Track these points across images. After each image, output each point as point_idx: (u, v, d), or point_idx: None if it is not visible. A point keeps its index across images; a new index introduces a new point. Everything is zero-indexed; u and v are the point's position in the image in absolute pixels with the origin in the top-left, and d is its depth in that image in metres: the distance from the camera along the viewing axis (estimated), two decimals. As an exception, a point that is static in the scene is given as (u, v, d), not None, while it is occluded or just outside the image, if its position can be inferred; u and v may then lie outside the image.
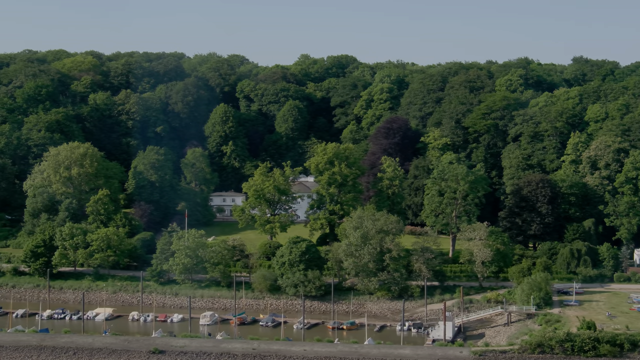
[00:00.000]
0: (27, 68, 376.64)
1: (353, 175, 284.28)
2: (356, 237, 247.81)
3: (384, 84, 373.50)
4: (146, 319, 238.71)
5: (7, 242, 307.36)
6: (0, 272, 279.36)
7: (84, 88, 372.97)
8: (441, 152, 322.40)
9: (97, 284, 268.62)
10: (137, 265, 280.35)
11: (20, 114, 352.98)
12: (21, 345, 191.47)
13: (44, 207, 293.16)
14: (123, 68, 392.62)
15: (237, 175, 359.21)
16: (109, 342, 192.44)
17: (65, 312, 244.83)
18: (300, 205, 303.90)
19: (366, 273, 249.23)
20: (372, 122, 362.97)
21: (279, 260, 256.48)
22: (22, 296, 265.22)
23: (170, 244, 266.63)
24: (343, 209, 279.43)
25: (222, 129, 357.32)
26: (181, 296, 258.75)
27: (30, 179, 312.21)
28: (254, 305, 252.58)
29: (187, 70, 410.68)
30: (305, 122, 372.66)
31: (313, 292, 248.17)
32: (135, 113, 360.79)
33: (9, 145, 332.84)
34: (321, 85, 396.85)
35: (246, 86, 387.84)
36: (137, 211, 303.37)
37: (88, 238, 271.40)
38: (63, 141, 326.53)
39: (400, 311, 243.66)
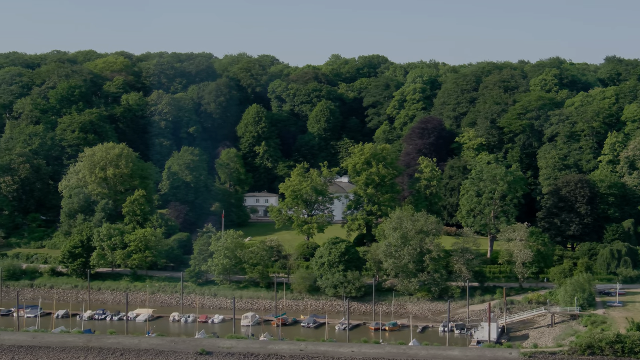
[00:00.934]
0: (59, 69, 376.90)
1: (390, 175, 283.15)
2: (396, 237, 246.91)
3: (416, 84, 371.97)
4: (187, 319, 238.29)
5: (43, 243, 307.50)
6: (38, 272, 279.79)
7: (116, 88, 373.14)
8: (476, 152, 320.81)
9: (135, 285, 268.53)
10: (174, 266, 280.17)
11: (53, 114, 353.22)
12: (68, 346, 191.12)
13: (80, 208, 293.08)
14: (155, 68, 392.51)
15: (269, 175, 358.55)
16: (155, 343, 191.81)
17: (105, 312, 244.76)
18: (336, 206, 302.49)
19: (406, 274, 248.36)
20: (405, 122, 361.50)
21: (318, 261, 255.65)
22: (61, 297, 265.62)
23: (208, 245, 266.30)
24: (381, 210, 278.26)
25: (254, 129, 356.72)
26: (220, 297, 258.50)
27: (66, 180, 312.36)
28: (293, 306, 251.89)
29: (218, 70, 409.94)
30: (337, 122, 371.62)
31: (353, 292, 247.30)
32: (168, 113, 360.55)
33: (43, 146, 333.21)
34: (353, 86, 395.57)
35: (278, 86, 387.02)
36: (172, 212, 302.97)
37: (126, 239, 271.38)
38: (97, 142, 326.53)
39: (440, 312, 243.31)
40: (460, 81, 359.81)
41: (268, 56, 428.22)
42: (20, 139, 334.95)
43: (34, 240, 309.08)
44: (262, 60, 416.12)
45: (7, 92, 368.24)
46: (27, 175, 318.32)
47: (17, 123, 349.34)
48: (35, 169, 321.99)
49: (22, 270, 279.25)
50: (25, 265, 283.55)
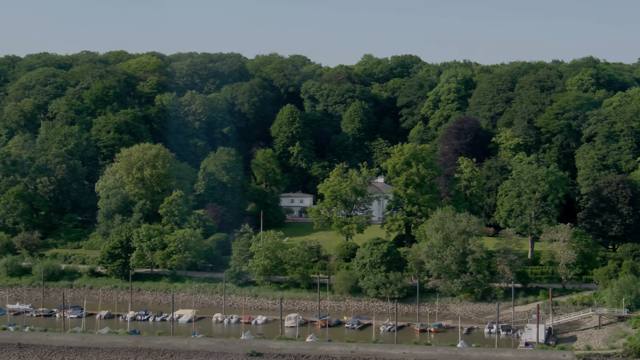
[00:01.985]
0: (93, 69, 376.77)
1: (430, 176, 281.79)
2: (438, 238, 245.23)
3: (450, 84, 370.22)
4: (230, 320, 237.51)
5: (80, 243, 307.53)
6: (77, 273, 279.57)
7: (149, 89, 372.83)
8: (513, 152, 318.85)
9: (175, 286, 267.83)
10: (213, 266, 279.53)
11: (88, 115, 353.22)
12: (117, 347, 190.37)
13: (118, 208, 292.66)
14: (188, 69, 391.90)
15: (303, 176, 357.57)
16: (204, 345, 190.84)
17: (148, 313, 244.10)
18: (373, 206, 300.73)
19: (449, 275, 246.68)
20: (439, 123, 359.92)
21: (360, 261, 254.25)
22: (101, 297, 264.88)
23: (248, 245, 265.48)
24: (421, 210, 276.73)
25: (288, 129, 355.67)
26: (261, 298, 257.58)
27: (102, 180, 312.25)
28: (335, 307, 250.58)
29: (250, 70, 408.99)
30: (371, 122, 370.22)
31: (395, 293, 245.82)
32: (202, 114, 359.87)
33: (78, 146, 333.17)
34: (386, 86, 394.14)
35: (311, 87, 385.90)
36: (209, 212, 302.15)
37: (165, 239, 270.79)
38: (132, 142, 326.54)
39: (484, 313, 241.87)
40: (496, 81, 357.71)
41: (299, 56, 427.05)
42: (55, 139, 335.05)
43: (71, 241, 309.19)
44: (294, 60, 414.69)
45: (41, 92, 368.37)
46: (64, 175, 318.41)
47: (52, 124, 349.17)
48: (72, 170, 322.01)
49: (61, 271, 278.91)
50: (64, 265, 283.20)
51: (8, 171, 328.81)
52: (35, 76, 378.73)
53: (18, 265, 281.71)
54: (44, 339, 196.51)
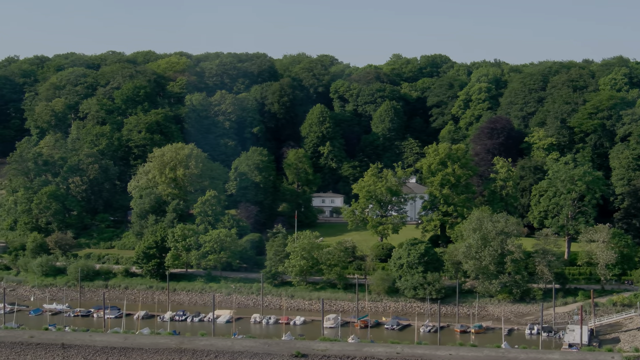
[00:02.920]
0: (123, 69, 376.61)
1: (466, 176, 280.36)
2: (476, 239, 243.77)
3: (481, 84, 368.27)
4: (268, 321, 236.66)
5: (112, 243, 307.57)
6: (112, 273, 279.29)
7: (179, 89, 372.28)
8: (546, 152, 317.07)
9: (211, 286, 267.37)
10: (247, 266, 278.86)
11: (119, 115, 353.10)
12: (160, 347, 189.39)
13: (151, 208, 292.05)
14: (217, 69, 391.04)
15: (334, 176, 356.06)
16: (248, 345, 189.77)
17: (185, 314, 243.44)
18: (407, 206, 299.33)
19: (487, 275, 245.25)
20: (470, 122, 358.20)
21: (397, 262, 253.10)
22: (136, 297, 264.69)
23: (284, 246, 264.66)
24: (456, 210, 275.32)
25: (319, 129, 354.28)
26: (297, 298, 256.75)
27: (135, 180, 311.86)
28: (372, 308, 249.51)
29: (279, 70, 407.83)
30: (401, 122, 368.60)
31: (433, 294, 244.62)
32: (232, 114, 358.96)
33: (109, 146, 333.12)
34: (416, 85, 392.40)
35: (340, 86, 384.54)
36: (242, 212, 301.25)
37: (200, 239, 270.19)
38: (163, 142, 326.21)
39: (523, 314, 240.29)
40: (527, 80, 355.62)
41: (327, 56, 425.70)
42: (87, 139, 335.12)
43: (103, 241, 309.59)
44: (323, 60, 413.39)
45: (72, 92, 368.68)
46: (96, 175, 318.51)
47: (83, 124, 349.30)
48: (104, 170, 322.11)
49: (96, 271, 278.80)
50: (98, 266, 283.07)
51: (40, 171, 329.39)
52: (65, 76, 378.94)
53: (52, 265, 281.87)
54: (87, 339, 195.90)
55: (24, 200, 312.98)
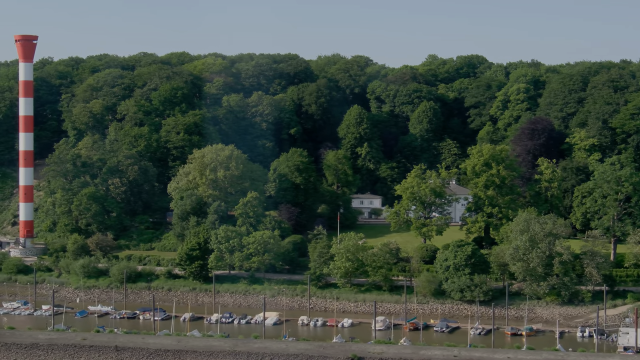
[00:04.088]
0: (160, 71, 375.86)
1: (510, 177, 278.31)
2: (523, 240, 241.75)
3: (519, 84, 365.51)
4: (316, 323, 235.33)
5: (152, 245, 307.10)
6: (154, 275, 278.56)
7: (216, 90, 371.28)
8: (588, 153, 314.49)
9: (254, 288, 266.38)
10: (289, 268, 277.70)
11: (157, 116, 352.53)
12: (214, 350, 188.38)
13: (192, 210, 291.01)
14: (254, 70, 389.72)
15: (371, 177, 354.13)
16: (303, 348, 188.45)
17: (232, 316, 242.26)
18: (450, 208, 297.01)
19: (534, 277, 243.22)
20: (509, 123, 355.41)
21: (443, 264, 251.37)
22: (180, 299, 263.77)
23: (329, 247, 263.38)
24: (501, 212, 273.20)
25: (356, 130, 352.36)
26: (343, 300, 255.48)
27: (175, 182, 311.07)
28: (418, 310, 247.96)
29: (314, 71, 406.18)
30: (439, 123, 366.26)
31: (480, 296, 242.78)
32: (269, 115, 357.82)
33: (148, 147, 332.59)
34: (453, 86, 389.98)
35: (377, 87, 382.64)
36: (283, 214, 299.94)
37: (244, 241, 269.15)
38: (201, 143, 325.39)
39: (572, 316, 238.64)
40: (567, 81, 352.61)
41: (362, 57, 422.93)
42: (125, 140, 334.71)
43: (143, 243, 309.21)
44: (358, 61, 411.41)
45: (109, 94, 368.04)
46: (135, 177, 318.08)
47: (121, 125, 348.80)
48: (143, 171, 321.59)
49: (138, 273, 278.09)
50: (140, 267, 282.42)
51: (78, 172, 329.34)
52: (102, 77, 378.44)
53: (95, 267, 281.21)
54: (139, 342, 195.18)
55: (63, 202, 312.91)
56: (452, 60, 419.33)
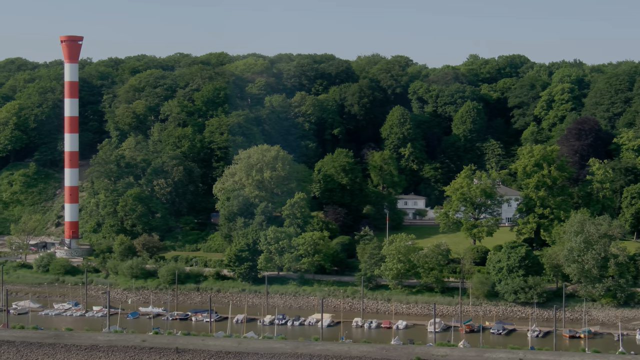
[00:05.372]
0: (202, 71, 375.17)
1: (562, 178, 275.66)
2: (578, 242, 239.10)
3: (564, 84, 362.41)
4: (370, 325, 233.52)
5: (198, 246, 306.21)
6: (203, 276, 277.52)
7: (257, 90, 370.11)
8: (636, 153, 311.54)
9: (304, 289, 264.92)
10: (338, 269, 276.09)
11: (199, 117, 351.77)
12: (276, 352, 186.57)
13: (239, 211, 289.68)
14: (295, 70, 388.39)
15: (414, 177, 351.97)
16: (365, 350, 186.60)
17: (285, 317, 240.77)
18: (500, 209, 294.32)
19: (589, 279, 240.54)
20: (553, 123, 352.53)
21: (496, 265, 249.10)
22: (230, 301, 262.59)
23: (379, 249, 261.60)
24: (553, 213, 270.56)
25: (399, 131, 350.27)
26: (394, 302, 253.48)
27: (220, 182, 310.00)
28: (471, 312, 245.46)
29: (355, 71, 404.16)
30: (482, 123, 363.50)
31: (535, 298, 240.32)
32: (312, 115, 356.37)
33: (191, 148, 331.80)
34: (496, 86, 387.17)
35: (419, 87, 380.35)
36: (329, 214, 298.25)
37: (293, 242, 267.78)
38: (245, 144, 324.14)
39: (629, 319, 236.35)
40: (613, 81, 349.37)
41: (402, 57, 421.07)
42: (169, 141, 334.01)
43: (189, 244, 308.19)
44: (399, 61, 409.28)
45: (152, 94, 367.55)
46: (180, 177, 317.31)
47: (164, 126, 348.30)
48: (189, 172, 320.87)
49: (186, 274, 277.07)
50: (189, 268, 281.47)
51: (122, 173, 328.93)
52: (144, 78, 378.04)
53: (142, 268, 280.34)
54: (199, 343, 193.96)
55: (108, 203, 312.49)
56: (494, 60, 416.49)
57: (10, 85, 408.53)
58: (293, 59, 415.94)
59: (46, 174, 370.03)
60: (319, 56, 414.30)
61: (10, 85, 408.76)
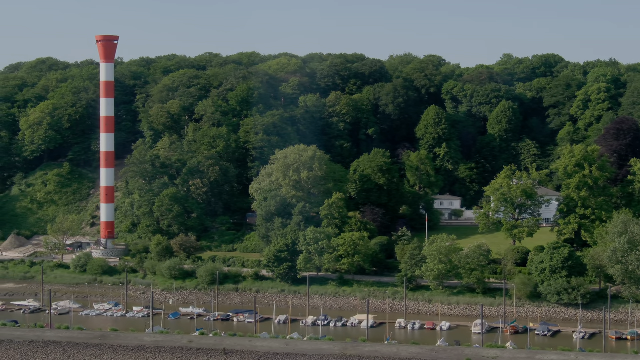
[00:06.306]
0: (236, 71, 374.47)
1: (603, 178, 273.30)
2: (622, 243, 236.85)
3: (600, 84, 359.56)
4: (414, 326, 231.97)
5: (234, 246, 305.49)
6: (241, 276, 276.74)
7: (291, 90, 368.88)
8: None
9: (344, 290, 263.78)
10: (377, 270, 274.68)
11: (234, 116, 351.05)
12: (324, 354, 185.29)
13: (277, 211, 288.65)
14: (329, 70, 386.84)
15: (449, 178, 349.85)
16: (415, 352, 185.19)
17: (327, 318, 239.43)
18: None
19: (634, 280, 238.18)
20: (590, 123, 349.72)
21: (539, 266, 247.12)
22: (269, 301, 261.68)
23: (420, 249, 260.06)
24: (594, 213, 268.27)
25: (434, 130, 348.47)
26: (435, 303, 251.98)
27: (256, 182, 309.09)
28: (514, 313, 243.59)
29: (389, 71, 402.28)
30: (518, 123, 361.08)
31: (578, 299, 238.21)
32: (346, 115, 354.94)
33: (226, 148, 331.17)
34: (531, 85, 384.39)
35: (453, 87, 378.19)
36: (367, 215, 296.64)
37: (333, 242, 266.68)
38: (280, 144, 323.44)
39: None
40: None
41: (435, 56, 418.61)
42: (204, 141, 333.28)
43: (225, 244, 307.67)
44: (432, 60, 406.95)
45: (186, 94, 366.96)
46: (216, 178, 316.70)
47: (198, 126, 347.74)
48: (224, 172, 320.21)
49: (224, 274, 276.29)
50: (227, 269, 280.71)
51: (157, 173, 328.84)
52: (177, 78, 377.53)
53: (180, 269, 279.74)
54: (247, 345, 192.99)
55: (144, 203, 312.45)
56: (528, 59, 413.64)
57: (43, 86, 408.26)
58: (324, 58, 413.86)
59: (80, 174, 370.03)
60: (350, 56, 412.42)
61: (43, 85, 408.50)
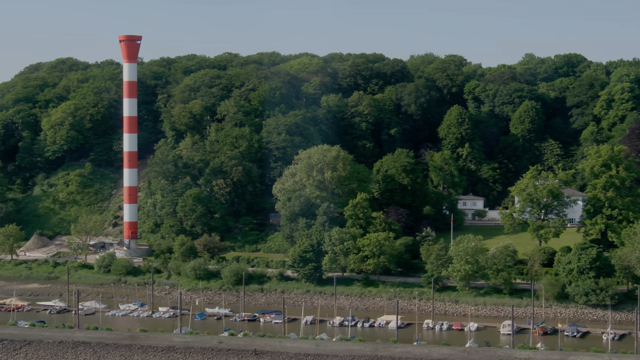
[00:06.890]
0: (258, 71, 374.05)
1: (630, 178, 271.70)
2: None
3: (623, 83, 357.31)
4: (442, 327, 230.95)
5: (258, 247, 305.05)
6: (266, 277, 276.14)
7: (313, 90, 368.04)
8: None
9: (370, 290, 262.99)
10: (402, 270, 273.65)
11: (256, 116, 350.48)
12: (355, 354, 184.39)
13: (301, 211, 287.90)
14: (351, 70, 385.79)
15: (472, 178, 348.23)
16: (447, 353, 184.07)
17: (355, 319, 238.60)
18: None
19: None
20: (613, 123, 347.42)
21: (566, 267, 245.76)
22: (294, 302, 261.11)
23: (446, 250, 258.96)
24: (621, 214, 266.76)
25: (457, 130, 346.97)
26: (462, 304, 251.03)
27: (280, 182, 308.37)
28: (542, 314, 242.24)
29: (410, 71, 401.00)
30: (541, 123, 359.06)
31: (606, 300, 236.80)
32: (369, 115, 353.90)
33: (249, 148, 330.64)
34: (554, 85, 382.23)
35: (475, 87, 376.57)
36: (391, 215, 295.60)
37: (358, 243, 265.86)
38: (302, 144, 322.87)
39: None
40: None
41: (456, 56, 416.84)
42: (226, 141, 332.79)
43: (248, 244, 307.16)
44: (454, 60, 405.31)
45: (207, 94, 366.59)
46: (240, 178, 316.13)
47: (221, 126, 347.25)
48: (247, 172, 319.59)
49: (249, 274, 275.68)
50: (252, 269, 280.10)
51: (180, 173, 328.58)
52: (199, 78, 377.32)
53: (205, 269, 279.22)
54: (277, 345, 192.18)
55: (167, 203, 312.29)
56: (550, 59, 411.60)
57: (64, 85, 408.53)
58: (345, 58, 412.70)
59: (102, 174, 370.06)
60: (370, 55, 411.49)
61: (64, 86, 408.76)
